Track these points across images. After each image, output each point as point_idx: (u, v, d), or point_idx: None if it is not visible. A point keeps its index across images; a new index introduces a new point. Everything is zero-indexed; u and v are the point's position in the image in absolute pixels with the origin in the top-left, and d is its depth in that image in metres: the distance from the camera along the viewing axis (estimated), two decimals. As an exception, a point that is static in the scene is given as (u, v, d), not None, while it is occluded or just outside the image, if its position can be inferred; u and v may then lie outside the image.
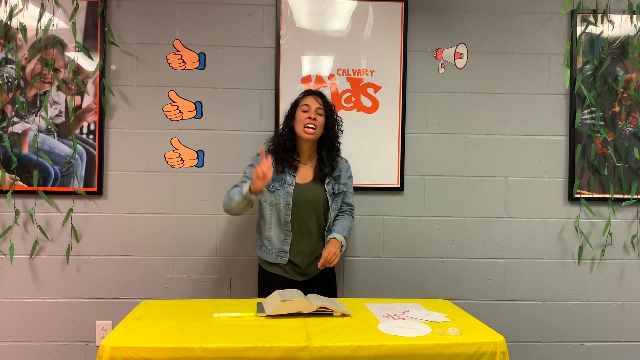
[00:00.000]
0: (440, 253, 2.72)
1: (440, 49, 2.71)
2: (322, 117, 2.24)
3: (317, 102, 2.24)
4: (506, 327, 2.64)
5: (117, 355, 1.45)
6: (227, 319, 1.74)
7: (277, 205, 2.21)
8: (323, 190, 2.25)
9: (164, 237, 2.63)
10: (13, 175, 2.56)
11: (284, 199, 2.20)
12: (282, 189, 2.21)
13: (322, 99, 2.27)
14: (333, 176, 2.27)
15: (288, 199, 2.20)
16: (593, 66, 2.71)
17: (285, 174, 2.22)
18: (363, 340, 1.54)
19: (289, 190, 2.20)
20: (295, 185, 2.22)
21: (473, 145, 2.72)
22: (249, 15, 2.64)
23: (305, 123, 2.19)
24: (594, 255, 2.75)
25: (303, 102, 2.25)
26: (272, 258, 2.23)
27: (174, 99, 2.63)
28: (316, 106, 2.23)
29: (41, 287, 2.60)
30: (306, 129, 2.19)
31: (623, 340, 2.75)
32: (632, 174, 2.72)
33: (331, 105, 2.32)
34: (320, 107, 2.24)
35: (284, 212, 2.20)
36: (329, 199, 2.25)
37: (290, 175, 2.22)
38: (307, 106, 2.22)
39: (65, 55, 2.57)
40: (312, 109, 2.21)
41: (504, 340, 1.58)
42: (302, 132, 2.20)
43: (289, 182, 2.21)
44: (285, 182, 2.21)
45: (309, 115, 2.19)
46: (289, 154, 2.23)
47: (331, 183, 2.27)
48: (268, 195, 2.22)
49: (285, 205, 2.20)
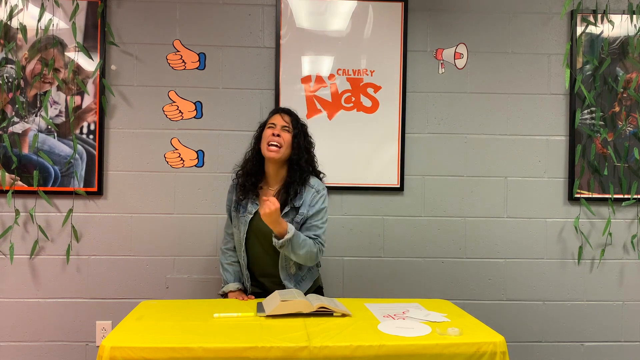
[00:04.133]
0: (440, 253, 2.72)
1: (440, 49, 2.71)
2: (289, 135, 2.03)
3: (283, 120, 2.05)
4: (506, 327, 2.64)
5: (117, 355, 1.45)
6: (227, 319, 1.74)
7: (239, 234, 2.07)
8: None
9: (164, 237, 2.63)
10: (13, 175, 2.56)
11: (243, 228, 2.03)
12: (243, 216, 2.04)
13: (290, 117, 2.07)
14: (294, 205, 2.00)
15: (244, 229, 2.02)
16: (593, 66, 2.71)
17: (247, 201, 2.04)
18: (363, 340, 1.54)
19: (247, 219, 2.02)
20: (255, 214, 2.02)
21: (473, 145, 2.72)
22: (249, 15, 2.64)
23: (269, 140, 1.99)
24: (594, 255, 2.75)
25: (270, 120, 2.07)
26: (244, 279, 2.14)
27: (174, 99, 2.63)
28: (282, 124, 2.04)
29: (41, 287, 2.60)
30: (269, 147, 1.98)
31: (623, 340, 2.75)
32: (632, 174, 2.72)
33: (302, 123, 2.10)
34: (286, 125, 2.04)
35: (242, 243, 2.05)
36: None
37: (252, 203, 2.03)
38: (272, 125, 2.03)
39: (65, 55, 2.58)
40: (277, 126, 2.02)
41: (504, 340, 1.58)
42: (265, 151, 2.00)
43: (248, 211, 2.03)
44: (246, 210, 2.03)
45: (274, 132, 2.00)
46: (250, 177, 2.04)
47: (290, 213, 2.00)
48: (235, 219, 2.09)
49: (243, 235, 2.04)
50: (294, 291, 1.90)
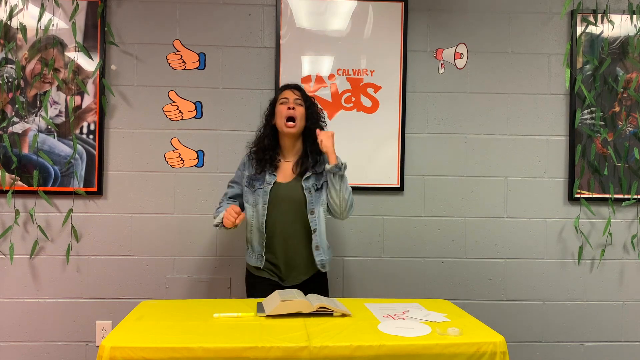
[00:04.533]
0: (440, 253, 2.72)
1: (440, 49, 2.71)
2: (302, 108, 2.16)
3: (294, 94, 2.18)
4: (506, 327, 2.64)
5: (117, 355, 1.45)
6: (227, 319, 1.74)
7: (256, 206, 2.13)
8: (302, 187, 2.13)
9: (164, 237, 2.63)
10: (13, 175, 2.56)
11: (262, 199, 2.11)
12: (261, 188, 2.13)
13: (299, 91, 2.20)
14: (315, 171, 2.16)
15: (265, 198, 2.11)
16: (593, 66, 2.71)
17: (265, 173, 2.14)
18: (363, 340, 1.54)
19: (267, 189, 2.12)
20: (274, 184, 2.13)
21: (473, 145, 2.72)
22: (249, 15, 2.64)
23: (286, 115, 2.11)
24: (594, 255, 2.75)
25: (281, 96, 2.18)
26: (253, 261, 2.17)
27: (174, 99, 2.63)
28: (294, 97, 2.16)
29: (41, 287, 2.60)
30: (287, 123, 2.12)
31: (623, 340, 2.75)
32: (632, 174, 2.72)
33: (310, 97, 2.25)
34: (298, 97, 2.17)
35: (261, 213, 2.11)
36: (308, 197, 2.12)
37: (270, 175, 2.14)
38: (285, 99, 2.15)
39: (65, 55, 2.57)
40: (290, 100, 2.14)
41: (504, 340, 1.58)
42: (283, 126, 2.13)
43: (267, 181, 2.13)
44: (264, 182, 2.13)
45: (288, 106, 2.13)
46: (268, 151, 2.16)
47: (311, 179, 2.15)
48: (250, 195, 2.15)
49: (262, 205, 2.11)
50: (294, 291, 1.90)
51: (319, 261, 2.14)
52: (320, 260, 2.14)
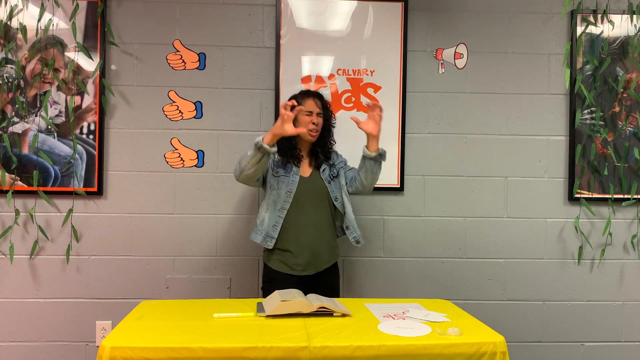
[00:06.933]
0: (440, 253, 2.72)
1: (440, 49, 2.71)
2: (322, 119, 2.28)
3: (317, 106, 2.27)
4: (506, 327, 2.64)
5: (117, 355, 1.45)
6: (227, 319, 1.74)
7: (278, 190, 2.22)
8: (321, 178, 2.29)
9: (164, 237, 2.63)
10: (13, 175, 2.56)
11: (286, 186, 2.21)
12: (287, 176, 2.23)
13: (321, 102, 2.30)
14: (328, 164, 2.33)
15: (292, 187, 2.22)
16: (593, 66, 2.71)
17: (290, 164, 2.25)
18: (363, 340, 1.54)
19: (295, 179, 2.23)
20: (299, 177, 2.24)
21: (473, 145, 2.72)
22: (249, 15, 2.64)
23: (310, 128, 2.24)
24: (594, 255, 2.75)
25: (306, 106, 2.24)
26: (259, 239, 2.23)
27: (174, 99, 2.63)
28: (317, 111, 2.26)
29: (41, 287, 2.60)
30: (311, 132, 2.24)
31: (623, 340, 2.75)
32: (632, 174, 2.72)
33: (327, 103, 2.35)
34: (320, 111, 2.28)
35: (283, 199, 2.21)
36: (328, 187, 2.28)
37: (296, 167, 2.25)
38: (309, 112, 2.24)
39: (65, 55, 2.57)
40: (314, 114, 2.25)
41: (504, 340, 1.58)
42: (306, 135, 2.24)
43: (294, 172, 2.24)
44: (291, 171, 2.24)
45: (312, 120, 2.24)
46: (292, 149, 2.26)
47: (326, 170, 2.31)
48: (272, 178, 2.24)
49: (286, 192, 2.21)
50: (294, 291, 1.91)
51: (353, 238, 2.31)
52: (354, 237, 2.32)
